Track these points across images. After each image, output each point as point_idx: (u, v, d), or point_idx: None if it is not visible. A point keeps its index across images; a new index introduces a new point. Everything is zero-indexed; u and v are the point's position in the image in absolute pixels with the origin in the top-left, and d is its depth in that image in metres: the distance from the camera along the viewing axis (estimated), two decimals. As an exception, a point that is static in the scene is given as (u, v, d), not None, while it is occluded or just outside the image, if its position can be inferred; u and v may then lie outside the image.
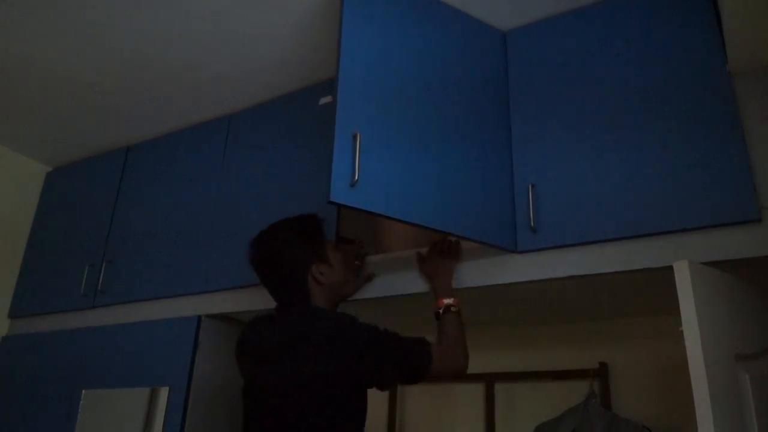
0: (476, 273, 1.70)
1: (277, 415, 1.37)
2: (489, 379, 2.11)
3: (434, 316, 1.61)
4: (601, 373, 1.92)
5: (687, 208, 1.46)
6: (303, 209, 1.95)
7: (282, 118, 2.23)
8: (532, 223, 1.63)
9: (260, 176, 2.18)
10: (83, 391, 2.20)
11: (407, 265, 1.80)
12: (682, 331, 1.24)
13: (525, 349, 2.12)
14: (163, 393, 1.99)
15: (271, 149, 2.20)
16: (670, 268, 1.31)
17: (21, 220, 2.80)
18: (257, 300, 1.97)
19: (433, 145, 1.63)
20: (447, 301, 1.60)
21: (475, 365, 2.16)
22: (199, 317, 2.08)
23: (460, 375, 1.54)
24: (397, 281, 1.80)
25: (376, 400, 2.29)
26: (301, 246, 1.58)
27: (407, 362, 1.45)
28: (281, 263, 1.56)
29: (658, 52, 1.63)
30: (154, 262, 2.32)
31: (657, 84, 1.60)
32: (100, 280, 2.40)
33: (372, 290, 1.82)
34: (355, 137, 1.46)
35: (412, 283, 1.78)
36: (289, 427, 1.35)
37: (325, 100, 2.10)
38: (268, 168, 2.17)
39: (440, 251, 1.71)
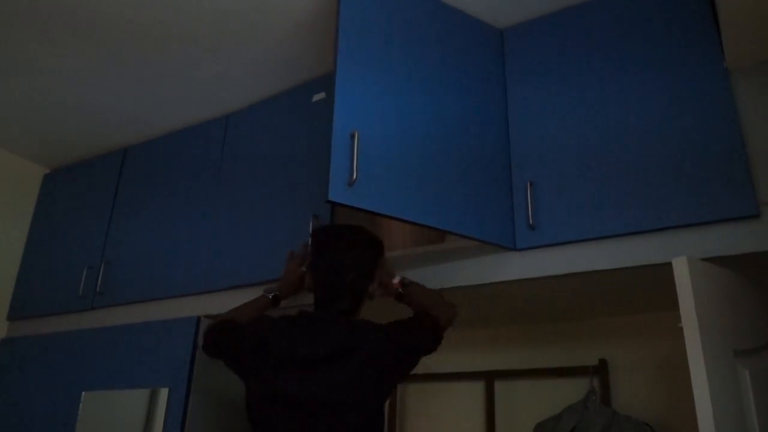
0: (475, 271, 1.70)
1: (325, 425, 1.38)
2: (489, 377, 2.12)
3: (396, 299, 1.62)
4: (601, 370, 1.92)
5: (685, 204, 1.46)
6: (302, 208, 1.96)
7: (279, 116, 2.22)
8: (530, 221, 1.63)
9: (259, 176, 2.17)
10: (83, 393, 2.20)
11: (407, 264, 1.80)
12: (681, 327, 1.24)
13: (525, 347, 2.13)
14: (163, 394, 1.99)
15: (270, 148, 2.19)
16: (669, 265, 1.31)
17: (19, 222, 2.80)
18: (256, 300, 1.97)
19: (431, 143, 1.63)
20: (396, 279, 1.62)
21: (475, 363, 2.17)
22: (198, 318, 2.07)
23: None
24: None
25: (376, 399, 2.29)
26: (375, 260, 1.61)
27: (427, 347, 1.53)
28: (360, 269, 1.56)
29: (655, 49, 1.63)
30: (152, 263, 2.31)
31: (654, 81, 1.60)
32: (99, 282, 2.40)
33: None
34: (353, 136, 1.46)
35: (411, 281, 1.77)
36: None
37: (318, 96, 2.09)
38: (266, 167, 2.17)
39: None
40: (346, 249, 1.57)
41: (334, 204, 1.43)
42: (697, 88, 1.54)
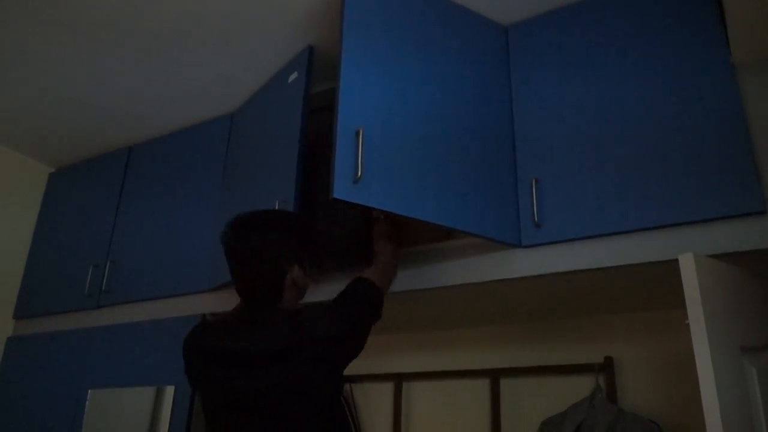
0: (481, 268, 1.69)
1: (272, 422, 1.31)
2: (494, 374, 2.11)
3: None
4: (607, 367, 1.92)
5: (691, 200, 1.45)
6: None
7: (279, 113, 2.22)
8: (536, 218, 1.62)
9: (263, 175, 2.17)
10: (89, 391, 2.21)
11: (408, 262, 1.80)
12: (688, 324, 1.24)
13: (530, 344, 2.12)
14: (169, 392, 2.00)
15: (272, 146, 2.19)
16: (676, 261, 1.30)
17: (24, 220, 2.81)
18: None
19: (435, 140, 1.63)
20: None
21: (480, 360, 2.17)
22: (204, 315, 2.08)
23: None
24: (397, 279, 1.80)
25: (382, 396, 2.30)
26: (287, 242, 1.44)
27: (369, 323, 1.46)
28: (262, 255, 1.41)
29: (660, 44, 1.62)
30: (157, 261, 2.32)
31: (660, 76, 1.59)
32: (104, 280, 2.41)
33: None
34: (357, 133, 1.46)
35: (413, 280, 1.78)
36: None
37: (292, 77, 2.06)
38: (271, 166, 2.17)
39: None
40: (255, 235, 1.42)
41: (339, 202, 1.43)
42: (703, 83, 1.53)
